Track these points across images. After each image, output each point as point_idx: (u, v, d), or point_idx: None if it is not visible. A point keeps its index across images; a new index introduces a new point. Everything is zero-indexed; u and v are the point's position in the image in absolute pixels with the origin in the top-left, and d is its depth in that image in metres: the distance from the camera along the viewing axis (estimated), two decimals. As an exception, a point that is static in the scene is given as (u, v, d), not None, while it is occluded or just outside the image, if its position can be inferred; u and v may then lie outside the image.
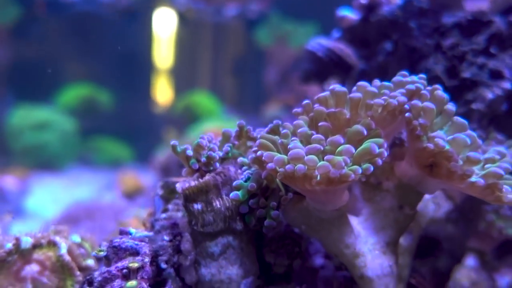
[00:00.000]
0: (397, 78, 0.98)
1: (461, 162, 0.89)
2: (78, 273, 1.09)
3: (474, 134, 0.93)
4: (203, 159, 1.02)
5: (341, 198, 0.95)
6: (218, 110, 6.29)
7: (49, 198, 4.27)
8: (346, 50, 1.73)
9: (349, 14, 1.80)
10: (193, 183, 0.96)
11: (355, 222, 1.03)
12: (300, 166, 0.85)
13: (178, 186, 0.98)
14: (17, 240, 1.09)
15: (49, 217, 3.53)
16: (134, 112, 7.25)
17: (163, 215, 1.09)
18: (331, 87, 0.98)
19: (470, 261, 1.28)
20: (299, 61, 5.74)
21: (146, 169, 5.42)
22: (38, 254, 1.09)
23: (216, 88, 7.36)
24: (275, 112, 5.51)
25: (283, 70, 5.93)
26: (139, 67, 7.60)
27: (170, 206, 1.14)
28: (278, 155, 0.88)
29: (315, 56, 1.76)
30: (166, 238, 1.02)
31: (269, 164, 0.89)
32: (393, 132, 1.02)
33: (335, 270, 1.13)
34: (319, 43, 1.77)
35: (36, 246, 1.10)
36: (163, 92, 7.66)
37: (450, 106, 0.94)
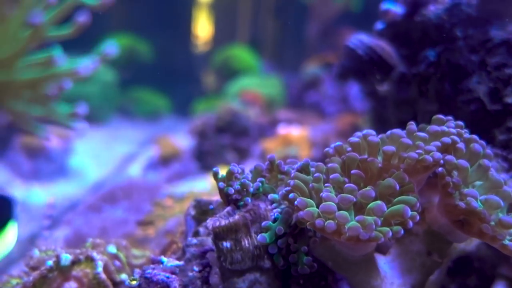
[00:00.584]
0: (433, 127, 0.95)
1: (493, 223, 0.87)
2: (113, 290, 1.15)
3: (509, 191, 0.90)
4: (236, 186, 1.04)
5: (369, 246, 0.96)
6: (257, 66, 6.23)
7: (90, 154, 4.40)
8: (387, 50, 1.68)
9: (393, 8, 1.73)
10: (223, 222, 0.98)
11: (382, 261, 1.04)
12: (330, 223, 0.85)
13: (209, 223, 1.00)
14: (57, 257, 1.15)
15: (91, 178, 3.67)
16: (173, 56, 7.24)
17: (194, 241, 1.12)
18: (364, 132, 0.96)
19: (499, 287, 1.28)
20: (342, 18, 5.59)
21: (184, 122, 5.49)
22: (76, 271, 1.15)
23: (256, 42, 7.25)
24: (314, 69, 5.42)
25: (325, 26, 5.78)
26: (180, 5, 7.54)
27: (201, 230, 1.17)
28: (309, 209, 0.88)
29: (355, 53, 1.71)
30: (196, 268, 1.05)
31: (300, 213, 0.89)
32: (425, 177, 1.00)
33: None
34: (361, 40, 1.72)
35: (75, 262, 1.16)
36: (203, 28, 7.64)
37: (487, 162, 0.91)
